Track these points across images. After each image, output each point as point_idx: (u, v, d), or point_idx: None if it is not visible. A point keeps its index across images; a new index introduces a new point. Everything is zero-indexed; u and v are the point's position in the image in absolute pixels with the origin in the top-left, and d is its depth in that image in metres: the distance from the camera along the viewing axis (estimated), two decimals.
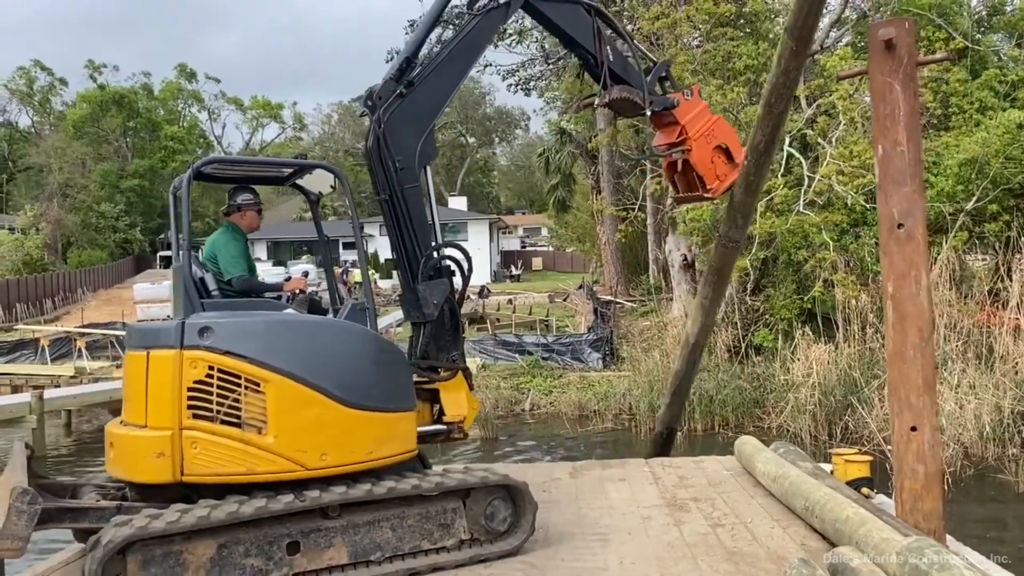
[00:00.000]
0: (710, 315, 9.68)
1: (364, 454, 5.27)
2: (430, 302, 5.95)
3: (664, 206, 22.87)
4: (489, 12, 6.35)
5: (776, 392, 15.44)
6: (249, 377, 4.97)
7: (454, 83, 6.29)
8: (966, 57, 18.75)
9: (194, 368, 4.91)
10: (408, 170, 5.93)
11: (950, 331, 14.30)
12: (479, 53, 6.63)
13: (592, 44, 6.85)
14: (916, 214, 6.76)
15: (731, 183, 7.63)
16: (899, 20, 7.31)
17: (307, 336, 5.27)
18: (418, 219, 5.99)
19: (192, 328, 4.97)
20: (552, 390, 19.03)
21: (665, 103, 7.14)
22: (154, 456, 4.84)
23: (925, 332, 6.68)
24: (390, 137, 5.87)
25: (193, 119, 73.74)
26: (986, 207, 15.64)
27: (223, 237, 6.10)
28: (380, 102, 5.89)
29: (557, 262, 64.93)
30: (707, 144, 7.32)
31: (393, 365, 5.62)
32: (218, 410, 4.92)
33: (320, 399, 5.10)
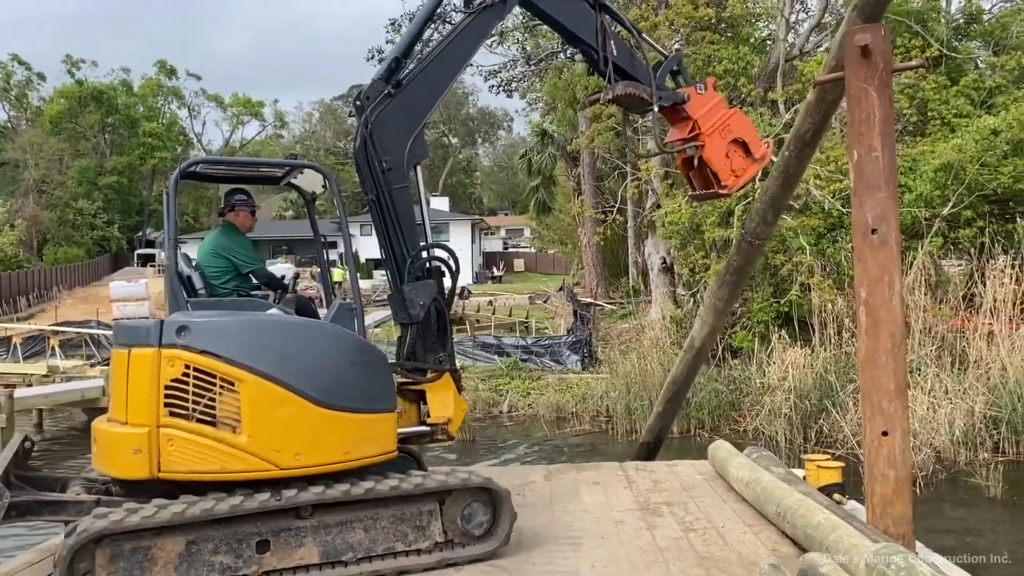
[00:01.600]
0: (722, 317, 9.53)
1: (341, 454, 5.26)
2: (416, 303, 5.90)
3: (643, 209, 22.92)
4: (484, 10, 6.18)
5: (752, 395, 15.50)
6: (224, 376, 4.99)
7: (445, 83, 6.16)
8: (943, 64, 18.94)
9: (171, 366, 4.95)
10: (396, 171, 5.86)
11: (925, 336, 14.41)
12: (472, 53, 6.49)
13: (595, 40, 6.63)
14: (890, 220, 6.79)
15: (749, 178, 7.36)
16: (875, 27, 7.32)
17: (282, 336, 5.28)
18: (406, 220, 5.94)
19: (170, 327, 5.00)
20: (530, 392, 19.02)
21: (674, 98, 6.86)
22: (132, 452, 4.88)
23: (897, 338, 6.72)
24: (377, 138, 5.80)
25: (173, 116, 73.17)
26: (961, 213, 15.78)
27: (227, 237, 6.14)
28: (368, 102, 5.81)
29: (539, 263, 65.03)
30: (722, 139, 7.01)
31: (371, 366, 5.57)
32: (194, 408, 4.94)
33: (294, 399, 5.10)
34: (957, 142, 16.25)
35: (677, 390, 9.93)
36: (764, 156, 7.20)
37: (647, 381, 16.08)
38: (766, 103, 17.29)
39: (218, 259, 6.01)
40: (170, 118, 72.35)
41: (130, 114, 66.93)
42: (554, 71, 22.07)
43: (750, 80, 17.75)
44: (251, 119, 77.80)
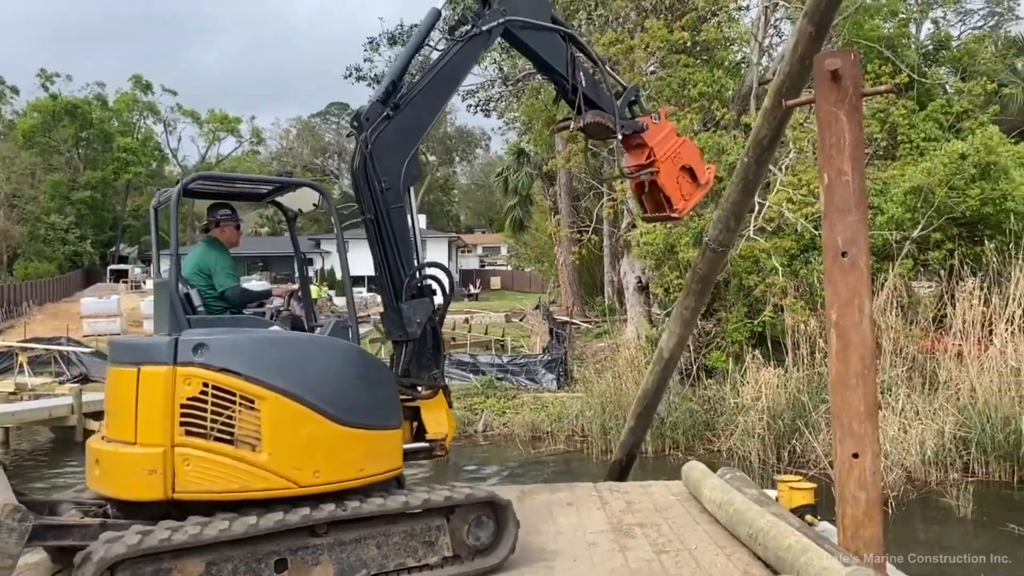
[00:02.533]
0: (689, 327, 9.56)
1: (355, 471, 5.30)
2: (413, 321, 6.00)
3: (619, 229, 23.06)
4: (471, 39, 6.45)
5: (726, 415, 15.57)
6: (244, 394, 4.96)
7: (438, 106, 6.42)
8: (913, 89, 19.28)
9: (188, 385, 4.90)
10: (393, 190, 5.99)
11: (895, 356, 14.56)
12: (462, 78, 6.77)
13: (566, 70, 6.94)
14: (860, 242, 6.88)
15: (696, 202, 7.78)
16: (844, 52, 7.46)
17: (300, 354, 5.30)
18: (402, 239, 6.05)
19: (186, 345, 4.96)
20: (506, 411, 18.98)
21: (635, 127, 7.26)
22: (146, 473, 4.79)
23: (868, 360, 6.79)
24: (377, 158, 5.93)
25: (148, 131, 72.64)
26: (931, 235, 16.01)
27: (210, 252, 6.13)
28: (367, 124, 5.96)
29: (515, 281, 65.08)
30: (673, 166, 7.44)
31: (381, 382, 5.65)
32: (211, 427, 4.89)
33: (314, 416, 5.12)
34: (926, 165, 16.53)
35: (647, 403, 9.90)
36: (708, 181, 7.67)
37: (622, 400, 16.11)
38: (739, 126, 17.49)
39: (201, 276, 6.00)
40: (145, 133, 71.81)
41: (104, 129, 66.35)
42: (531, 91, 22.20)
43: (724, 103, 17.96)
44: (227, 135, 77.46)
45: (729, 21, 19.18)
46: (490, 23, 6.47)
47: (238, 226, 6.40)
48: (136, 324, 35.72)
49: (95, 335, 32.83)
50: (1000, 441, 12.71)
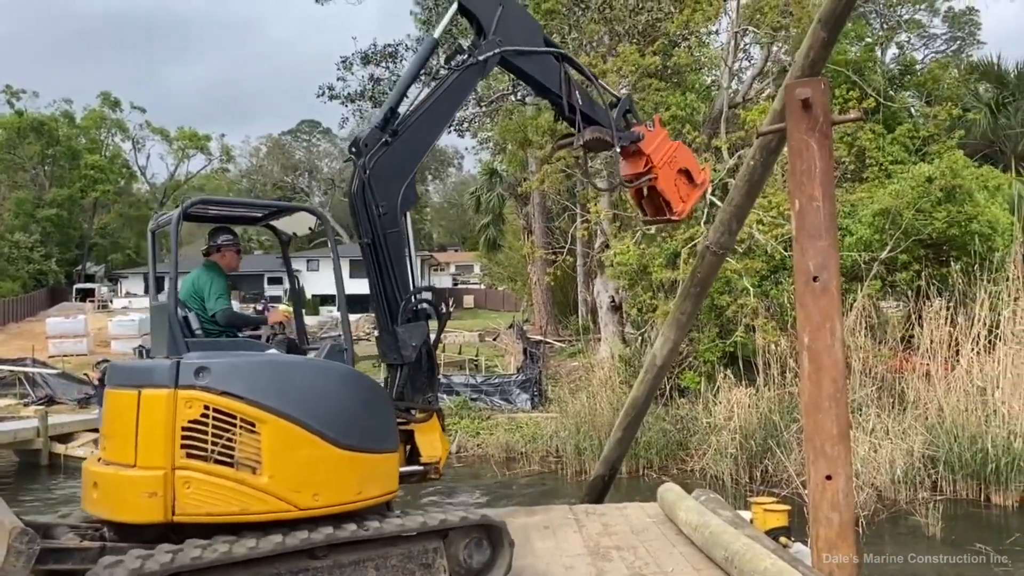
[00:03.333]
0: (683, 331, 9.57)
1: (353, 494, 5.33)
2: (409, 344, 6.02)
3: (592, 249, 23.22)
4: (467, 68, 6.56)
5: (699, 435, 15.67)
6: (244, 417, 4.99)
7: (435, 133, 6.56)
8: (879, 112, 19.67)
9: (189, 408, 4.92)
10: (390, 215, 6.05)
11: (865, 377, 14.76)
12: (458, 105, 6.98)
13: (561, 90, 7.08)
14: (831, 267, 7.01)
15: (694, 203, 7.98)
16: (815, 80, 7.62)
17: (300, 377, 5.36)
18: (399, 263, 6.11)
19: (188, 368, 4.99)
20: (480, 432, 18.96)
21: (631, 137, 7.42)
22: (146, 495, 4.79)
23: (839, 382, 6.90)
24: (375, 183, 5.99)
25: (116, 149, 71.96)
26: (898, 257, 16.29)
27: (206, 275, 6.20)
28: (366, 149, 6.02)
29: (489, 300, 65.03)
30: (670, 170, 7.63)
31: (379, 406, 5.71)
32: (212, 450, 4.91)
33: (313, 440, 5.16)
34: (894, 188, 16.84)
35: (637, 413, 9.82)
36: (704, 182, 7.96)
37: (596, 421, 16.16)
38: (710, 149, 17.74)
39: (195, 299, 6.05)
40: (113, 151, 71.14)
41: (71, 146, 65.67)
42: (504, 113, 22.34)
43: (695, 127, 18.21)
44: (197, 152, 76.86)
45: (700, 46, 19.48)
46: (486, 53, 6.59)
47: (239, 251, 6.51)
48: (103, 344, 35.24)
49: (61, 356, 32.35)
50: (967, 459, 12.90)
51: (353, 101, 24.58)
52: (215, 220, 6.56)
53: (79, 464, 18.14)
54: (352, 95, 24.53)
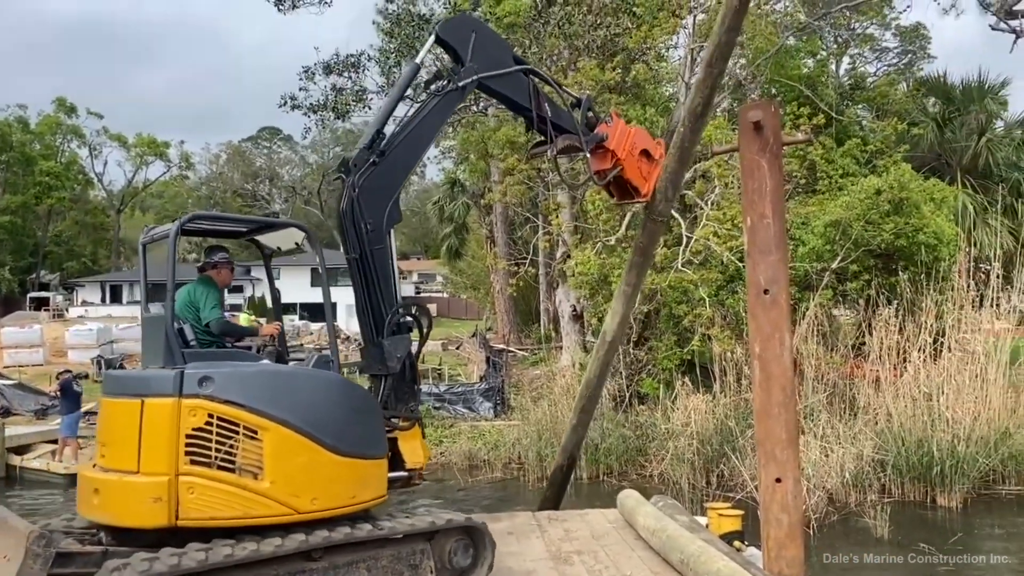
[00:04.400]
0: (631, 303, 9.76)
1: (348, 498, 5.63)
2: (394, 356, 6.31)
3: (554, 259, 23.54)
4: (447, 94, 6.95)
5: (658, 440, 15.99)
6: (247, 425, 5.25)
7: (419, 153, 7.01)
8: (831, 126, 20.27)
9: (193, 416, 5.17)
10: (377, 232, 6.36)
11: (818, 383, 15.22)
12: (440, 127, 7.40)
13: (530, 103, 7.51)
14: (780, 281, 7.37)
15: (656, 178, 8.50)
16: (766, 104, 8.01)
17: (299, 386, 5.69)
18: (384, 278, 6.40)
19: (191, 378, 5.23)
20: (443, 440, 19.10)
21: (597, 139, 7.95)
22: (151, 501, 5.01)
23: (788, 390, 7.25)
24: (363, 201, 6.29)
25: (72, 155, 70.70)
26: (848, 266, 16.82)
27: (203, 287, 6.48)
28: (355, 169, 6.32)
29: (452, 308, 65.05)
30: (633, 157, 8.16)
31: (370, 413, 6.03)
32: (216, 456, 5.16)
33: (312, 446, 5.44)
34: (845, 200, 17.39)
35: (591, 394, 9.96)
36: (661, 155, 8.48)
37: (557, 428, 16.39)
38: None
39: (191, 309, 6.27)
40: (69, 157, 69.88)
41: (25, 152, 64.38)
42: (467, 124, 22.60)
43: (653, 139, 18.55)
44: (155, 159, 75.84)
45: (658, 60, 19.91)
46: (465, 80, 6.99)
47: (232, 268, 6.82)
48: (60, 354, 34.71)
49: (16, 366, 31.79)
50: (914, 463, 13.41)
51: (315, 112, 24.62)
52: (211, 234, 6.95)
53: (36, 476, 18.06)
54: (314, 105, 24.57)
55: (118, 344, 34.24)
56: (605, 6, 18.52)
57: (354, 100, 24.17)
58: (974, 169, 22.91)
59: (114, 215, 75.98)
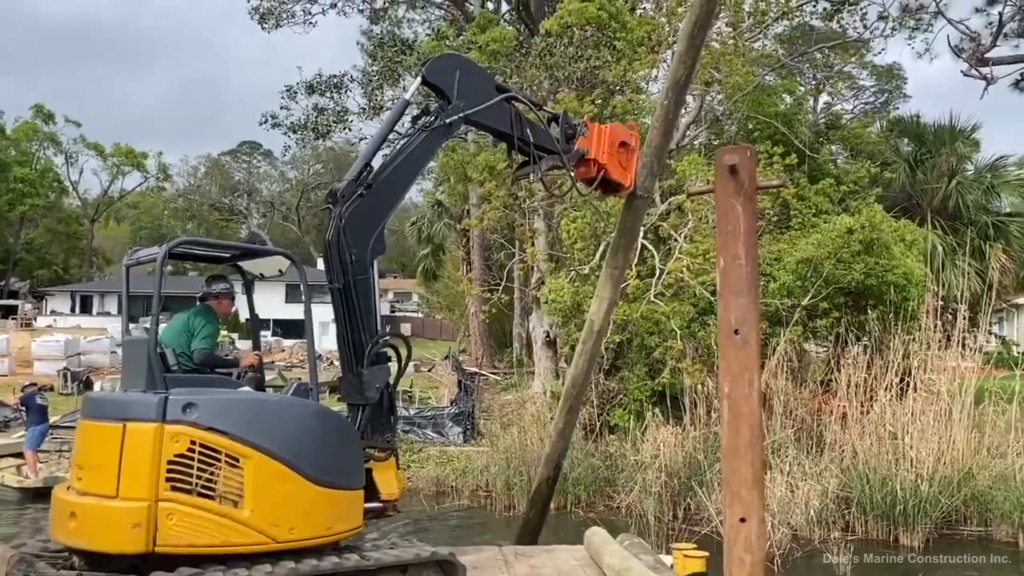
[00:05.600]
0: (617, 288, 9.79)
1: (325, 528, 5.65)
2: (372, 386, 6.37)
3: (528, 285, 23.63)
4: (434, 130, 7.10)
5: (627, 472, 16.01)
6: (229, 453, 5.26)
7: (405, 187, 7.16)
8: (805, 164, 20.57)
9: (176, 442, 5.17)
10: (361, 262, 6.44)
11: (786, 418, 15.35)
12: (426, 162, 7.59)
13: (512, 129, 7.68)
14: (751, 322, 7.47)
15: (637, 165, 8.75)
16: (742, 148, 8.17)
17: (282, 415, 5.73)
18: (367, 308, 6.45)
19: (175, 403, 5.24)
20: (411, 465, 18.99)
21: (579, 154, 8.18)
22: (130, 526, 4.99)
23: (755, 430, 7.33)
24: (349, 231, 6.37)
25: (48, 162, 70.00)
26: (819, 304, 17.03)
27: (203, 317, 6.60)
28: (342, 200, 6.41)
29: (426, 329, 64.84)
30: (612, 156, 8.38)
31: (350, 444, 6.05)
32: (196, 483, 5.15)
33: (292, 475, 5.46)
34: (817, 237, 17.64)
35: (578, 392, 9.88)
36: (636, 140, 8.73)
37: (526, 456, 16.40)
38: None
39: (185, 334, 6.31)
40: (45, 164, 69.19)
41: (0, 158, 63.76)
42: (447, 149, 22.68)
43: None
44: (132, 169, 75.28)
45: (636, 92, 20.15)
46: (452, 117, 7.15)
47: (233, 298, 6.99)
48: (26, 365, 34.15)
49: None
50: (878, 501, 13.53)
51: (296, 131, 24.67)
52: (198, 259, 7.16)
53: None
54: (295, 125, 24.62)
55: (85, 356, 33.79)
56: (587, 39, 18.77)
57: (335, 121, 24.25)
58: (944, 211, 23.34)
59: (88, 224, 75.20)
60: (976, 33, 22.77)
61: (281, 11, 26.57)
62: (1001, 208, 24.85)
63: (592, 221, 17.74)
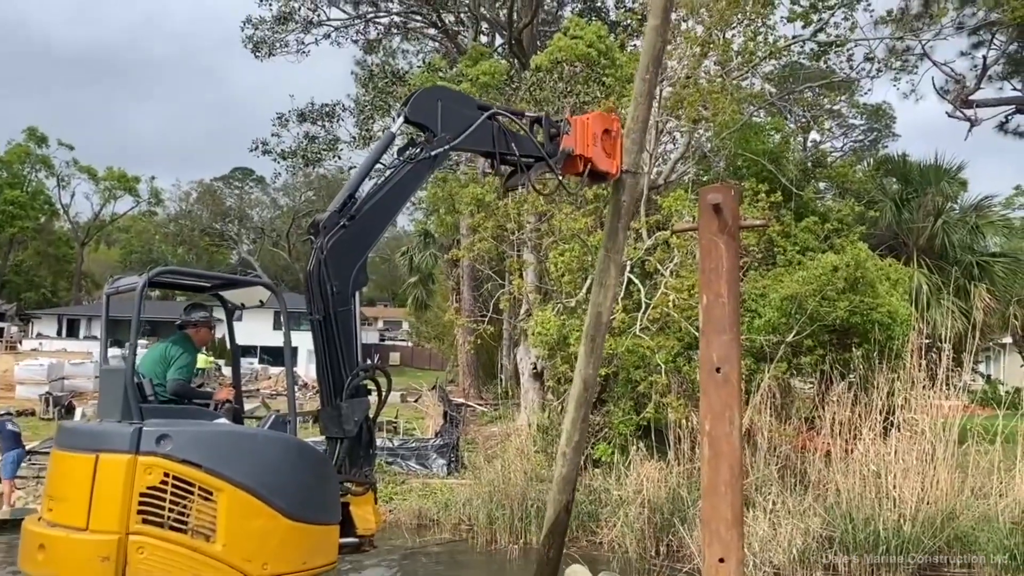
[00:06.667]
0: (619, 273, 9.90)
1: (299, 564, 5.53)
2: (351, 419, 6.27)
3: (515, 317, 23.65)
4: (419, 162, 7.11)
5: (610, 507, 15.92)
6: (203, 486, 5.16)
7: (388, 219, 7.08)
8: (791, 201, 20.73)
9: (148, 474, 5.07)
10: (342, 294, 6.41)
11: (770, 455, 15.30)
12: (410, 194, 7.57)
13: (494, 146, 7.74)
14: (732, 360, 7.49)
15: (621, 152, 8.87)
16: (726, 187, 8.26)
17: (257, 448, 5.63)
18: (347, 340, 6.41)
19: (149, 435, 5.14)
20: (393, 497, 18.84)
21: (565, 155, 8.30)
22: (99, 559, 4.88)
23: (735, 469, 7.32)
24: (330, 263, 6.34)
25: (40, 185, 69.95)
26: (803, 341, 17.07)
27: (181, 346, 6.58)
28: (324, 231, 6.39)
29: (415, 358, 64.74)
30: (597, 146, 8.51)
31: (326, 478, 5.95)
32: (169, 516, 5.06)
33: (266, 510, 5.36)
34: (801, 275, 17.72)
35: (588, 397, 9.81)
36: (617, 125, 8.89)
37: (509, 490, 16.29)
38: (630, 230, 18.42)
39: (162, 364, 6.29)
40: (36, 187, 69.15)
41: None
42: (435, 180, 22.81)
43: None
44: (124, 193, 75.26)
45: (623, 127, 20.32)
46: (437, 149, 7.17)
47: (212, 327, 7.04)
48: (8, 388, 33.84)
49: None
50: (860, 540, 13.44)
51: (285, 159, 24.79)
52: (178, 288, 7.01)
53: None
54: (285, 152, 24.75)
55: (69, 380, 33.50)
56: (576, 75, 18.98)
57: (325, 149, 24.38)
58: (930, 250, 23.51)
59: (78, 247, 75.01)
60: (961, 75, 23.28)
61: (275, 40, 26.79)
62: (986, 248, 25.08)
63: (580, 254, 17.80)
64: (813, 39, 22.23)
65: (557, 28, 26.58)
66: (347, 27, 29.23)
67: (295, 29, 26.75)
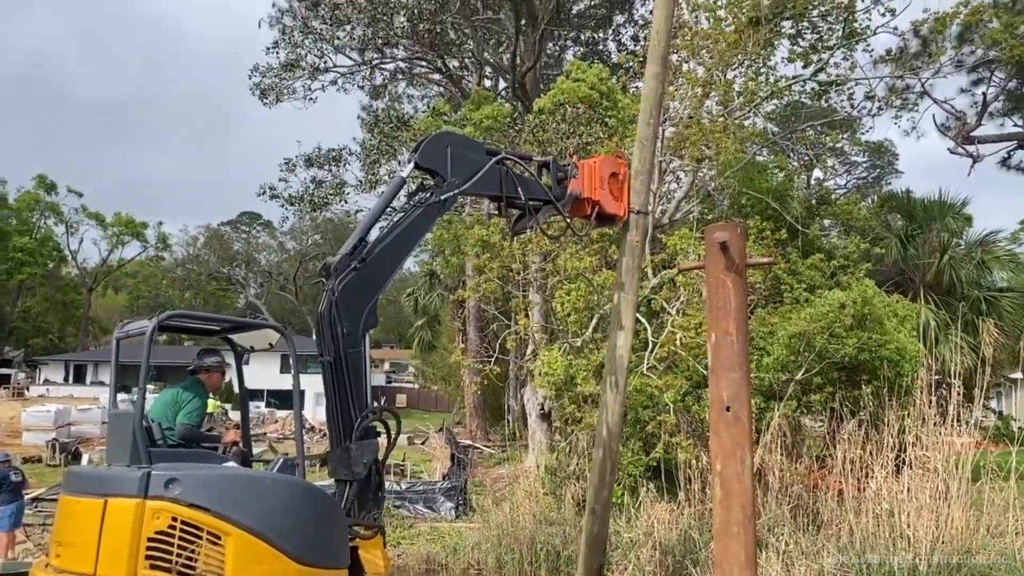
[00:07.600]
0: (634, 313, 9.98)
1: None
2: (360, 461, 6.29)
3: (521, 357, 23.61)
4: (429, 206, 7.24)
5: (620, 550, 15.71)
6: (211, 530, 5.16)
7: (398, 262, 7.23)
8: (797, 239, 20.77)
9: (157, 519, 5.07)
10: (353, 336, 6.45)
11: (781, 495, 15.12)
12: (420, 238, 7.66)
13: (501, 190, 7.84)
14: (742, 398, 7.45)
15: (628, 194, 8.98)
16: (732, 225, 8.29)
17: (266, 492, 5.62)
18: (357, 382, 6.44)
19: (158, 479, 5.15)
20: (401, 541, 18.64)
21: (572, 198, 8.40)
22: None
23: (748, 509, 7.24)
24: (341, 305, 6.41)
25: (48, 231, 70.59)
26: (813, 378, 16.97)
27: (191, 390, 6.67)
28: (335, 273, 6.49)
29: (422, 400, 64.49)
30: (604, 189, 8.59)
31: (335, 522, 5.94)
32: (176, 561, 5.04)
33: (274, 554, 5.35)
34: (808, 312, 17.68)
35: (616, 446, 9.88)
36: (624, 168, 8.99)
37: (518, 533, 16.12)
38: None
39: (172, 408, 6.31)
40: (44, 233, 69.78)
41: (1, 227, 64.26)
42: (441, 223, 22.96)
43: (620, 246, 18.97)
44: (132, 239, 75.86)
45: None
46: (447, 194, 7.30)
47: (224, 372, 7.11)
48: (15, 435, 33.75)
49: None
50: None
51: (292, 204, 24.99)
52: (187, 331, 7.03)
53: None
54: (292, 197, 24.95)
55: (76, 427, 33.42)
56: (579, 116, 19.17)
57: (332, 193, 24.57)
58: (937, 286, 23.46)
59: (86, 293, 75.37)
60: (961, 112, 23.47)
61: (282, 87, 27.17)
62: (993, 283, 25.01)
63: (586, 293, 17.80)
64: (814, 79, 22.44)
65: (559, 72, 26.97)
66: (353, 73, 29.64)
67: (302, 76, 27.12)
